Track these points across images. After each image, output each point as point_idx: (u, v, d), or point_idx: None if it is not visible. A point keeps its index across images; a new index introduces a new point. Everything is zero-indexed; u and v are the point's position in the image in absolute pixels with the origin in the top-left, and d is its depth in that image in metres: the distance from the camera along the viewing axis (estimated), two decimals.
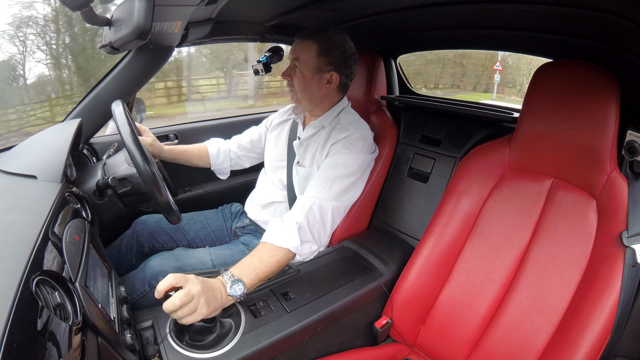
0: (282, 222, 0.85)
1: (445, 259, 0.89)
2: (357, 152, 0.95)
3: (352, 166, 0.93)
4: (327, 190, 0.89)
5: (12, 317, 0.35)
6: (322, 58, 0.96)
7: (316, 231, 0.86)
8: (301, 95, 1.01)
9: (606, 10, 0.70)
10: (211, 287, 0.68)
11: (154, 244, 1.11)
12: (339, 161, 0.93)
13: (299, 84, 0.99)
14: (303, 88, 0.99)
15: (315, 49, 0.96)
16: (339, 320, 0.87)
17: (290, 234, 0.81)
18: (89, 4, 0.61)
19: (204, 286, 0.66)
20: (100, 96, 1.06)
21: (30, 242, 0.48)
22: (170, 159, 1.18)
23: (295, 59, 0.98)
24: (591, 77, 0.71)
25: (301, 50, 0.97)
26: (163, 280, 0.64)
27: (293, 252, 0.82)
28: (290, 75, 1.00)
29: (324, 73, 0.98)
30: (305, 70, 0.97)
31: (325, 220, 0.88)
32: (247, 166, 1.33)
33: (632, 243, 0.62)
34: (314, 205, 0.86)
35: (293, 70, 0.99)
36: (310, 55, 0.96)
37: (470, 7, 0.92)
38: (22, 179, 0.69)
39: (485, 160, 0.89)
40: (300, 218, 0.84)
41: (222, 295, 0.70)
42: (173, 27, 0.86)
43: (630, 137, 0.67)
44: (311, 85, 0.99)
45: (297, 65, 0.97)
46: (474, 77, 4.19)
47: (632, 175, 0.69)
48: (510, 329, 0.77)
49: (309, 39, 0.97)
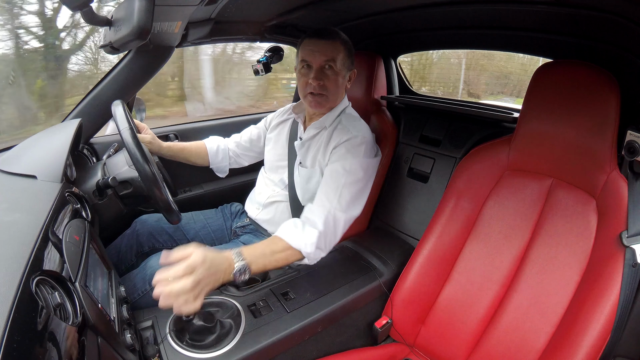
0: (304, 224, 0.85)
1: (445, 259, 0.89)
2: (361, 157, 0.94)
3: (358, 172, 0.93)
4: (338, 200, 0.89)
5: (12, 317, 0.35)
6: (349, 57, 0.99)
7: (329, 240, 0.88)
8: (333, 96, 0.99)
9: (606, 10, 0.70)
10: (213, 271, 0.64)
11: (154, 243, 1.11)
12: (345, 167, 0.92)
13: (335, 87, 0.98)
14: (336, 90, 0.99)
15: (343, 48, 0.97)
16: (339, 320, 0.87)
17: (310, 239, 0.82)
18: (89, 4, 0.61)
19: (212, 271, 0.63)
20: (100, 96, 1.06)
21: (30, 242, 0.48)
22: (169, 156, 1.17)
23: (330, 60, 0.95)
24: (591, 77, 0.71)
25: (334, 52, 0.95)
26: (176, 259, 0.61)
27: (303, 255, 0.83)
28: (323, 80, 0.96)
29: (349, 72, 1.01)
30: (340, 70, 0.97)
31: (337, 231, 0.89)
32: (245, 164, 1.33)
33: (632, 243, 0.62)
34: (330, 216, 0.87)
35: (323, 73, 0.96)
36: (343, 54, 0.97)
37: (470, 7, 0.92)
38: (22, 179, 0.70)
39: (485, 160, 0.89)
40: (321, 227, 0.85)
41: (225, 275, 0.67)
42: (173, 27, 0.86)
43: (630, 137, 0.67)
44: (342, 84, 1.00)
45: (334, 67, 0.96)
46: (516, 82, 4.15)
47: (632, 175, 0.69)
48: (510, 329, 0.77)
49: (336, 39, 0.97)
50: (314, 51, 0.95)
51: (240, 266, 0.69)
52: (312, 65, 0.96)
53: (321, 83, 0.96)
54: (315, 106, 1.00)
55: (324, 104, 1.00)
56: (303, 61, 0.98)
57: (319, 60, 0.95)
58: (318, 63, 0.95)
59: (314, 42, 0.96)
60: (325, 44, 0.95)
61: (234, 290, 0.84)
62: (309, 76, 0.96)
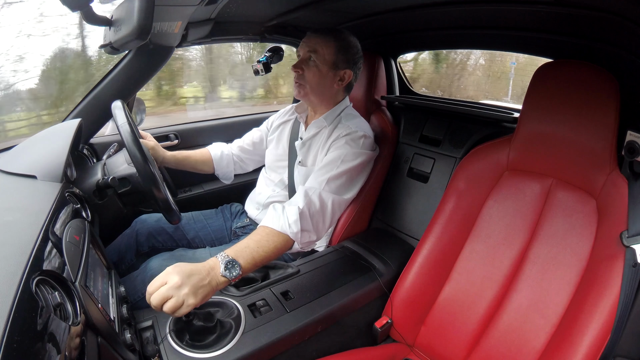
0: (284, 208, 0.83)
1: (445, 259, 0.89)
2: (358, 148, 0.96)
3: (352, 162, 0.93)
4: (327, 183, 0.89)
5: (12, 317, 0.35)
6: (341, 55, 0.99)
7: (315, 221, 0.85)
8: (312, 89, 1.00)
9: (606, 10, 0.70)
10: (196, 273, 0.64)
11: (154, 243, 1.11)
12: (340, 155, 0.93)
13: (312, 78, 0.99)
14: (317, 82, 0.99)
15: (334, 45, 0.98)
16: (339, 320, 0.87)
17: (291, 220, 0.80)
18: (89, 4, 0.62)
19: (184, 276, 0.62)
20: (100, 96, 1.06)
21: (30, 242, 0.48)
22: (174, 165, 1.16)
23: (312, 51, 0.97)
24: (591, 77, 0.71)
25: (320, 44, 0.97)
26: (149, 286, 0.62)
27: (292, 240, 0.81)
28: (302, 69, 0.99)
29: (339, 70, 1.00)
30: (321, 64, 0.98)
31: (325, 212, 0.88)
32: (250, 169, 1.32)
33: (632, 243, 0.62)
34: (314, 195, 0.86)
35: (306, 63, 0.98)
36: (330, 50, 0.97)
37: (471, 7, 0.92)
38: (22, 179, 0.70)
39: (485, 160, 0.89)
40: (302, 205, 0.83)
41: (214, 278, 0.66)
42: (173, 27, 0.86)
43: (630, 137, 0.67)
44: (325, 80, 1.00)
45: (314, 59, 0.97)
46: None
47: (632, 175, 0.69)
48: (510, 329, 0.77)
49: (328, 35, 0.98)
50: (303, 43, 1.00)
51: (226, 262, 0.68)
52: (300, 56, 1.00)
53: (299, 72, 0.99)
54: (296, 94, 1.03)
55: (302, 94, 1.02)
56: (297, 53, 1.03)
57: (303, 50, 0.99)
58: (302, 53, 0.99)
59: (307, 37, 1.00)
60: (316, 38, 0.98)
61: (234, 290, 0.84)
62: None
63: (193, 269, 0.65)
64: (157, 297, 0.60)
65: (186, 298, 0.61)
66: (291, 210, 0.82)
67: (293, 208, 0.82)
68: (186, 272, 0.63)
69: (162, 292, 0.61)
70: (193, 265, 0.66)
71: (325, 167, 0.93)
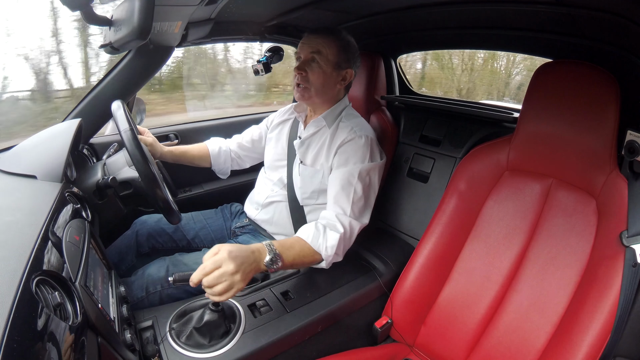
0: (325, 228, 0.87)
1: (445, 259, 0.89)
2: (367, 161, 0.96)
3: (367, 178, 0.95)
4: (351, 209, 0.91)
5: (12, 317, 0.35)
6: (343, 55, 0.99)
7: (344, 246, 0.89)
8: (316, 90, 1.00)
9: (606, 10, 0.70)
10: (247, 261, 0.68)
11: (154, 243, 1.11)
12: (354, 173, 0.93)
13: (317, 79, 0.98)
14: (321, 83, 0.99)
15: (337, 45, 0.98)
16: (339, 320, 0.87)
17: (329, 244, 0.85)
18: (89, 4, 0.61)
19: (239, 263, 0.66)
20: (100, 96, 1.06)
21: (30, 242, 0.48)
22: (171, 160, 1.17)
23: (315, 52, 0.97)
24: (591, 77, 0.71)
25: (322, 45, 0.97)
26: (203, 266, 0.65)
27: (322, 260, 0.85)
28: (306, 70, 0.98)
29: (342, 70, 1.00)
30: (325, 65, 0.97)
31: (352, 239, 0.92)
32: (247, 166, 1.32)
33: (632, 243, 0.62)
34: (346, 223, 0.89)
35: (309, 65, 0.98)
36: (333, 50, 0.97)
37: (470, 7, 0.92)
38: (22, 179, 0.70)
39: (485, 160, 0.89)
40: (341, 229, 0.87)
41: (257, 264, 0.70)
42: (173, 27, 0.86)
43: (630, 137, 0.67)
44: (329, 80, 0.99)
45: (318, 60, 0.97)
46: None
47: (632, 175, 0.69)
48: (510, 329, 0.77)
49: (330, 35, 0.98)
50: (304, 44, 0.99)
51: (273, 255, 0.72)
52: (301, 57, 0.99)
53: (303, 74, 0.98)
54: (299, 98, 1.02)
55: (306, 97, 1.01)
56: (296, 54, 1.02)
57: (306, 51, 0.98)
58: (304, 55, 0.98)
59: (307, 37, 1.00)
60: (317, 38, 0.98)
61: None
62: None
63: (245, 257, 0.68)
64: (212, 280, 0.63)
65: (237, 285, 0.65)
66: (332, 236, 0.86)
67: (335, 234, 0.86)
68: (240, 259, 0.67)
69: (216, 275, 0.64)
70: (244, 251, 0.69)
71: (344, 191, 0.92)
